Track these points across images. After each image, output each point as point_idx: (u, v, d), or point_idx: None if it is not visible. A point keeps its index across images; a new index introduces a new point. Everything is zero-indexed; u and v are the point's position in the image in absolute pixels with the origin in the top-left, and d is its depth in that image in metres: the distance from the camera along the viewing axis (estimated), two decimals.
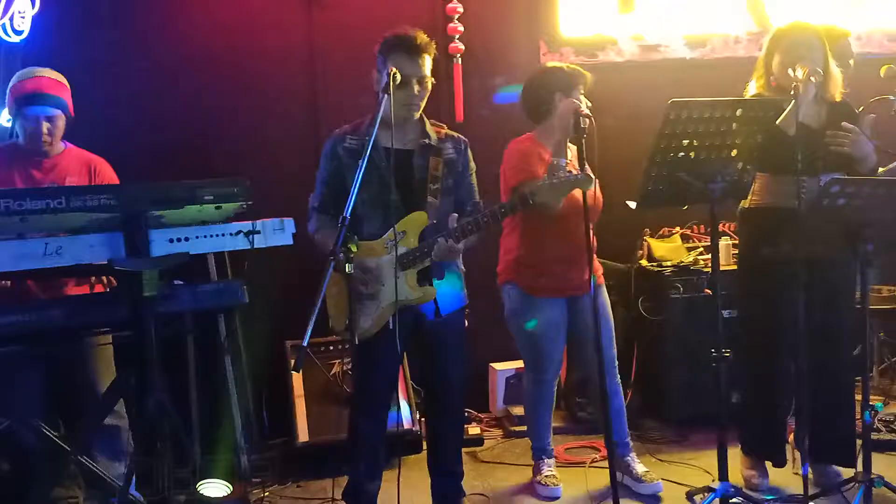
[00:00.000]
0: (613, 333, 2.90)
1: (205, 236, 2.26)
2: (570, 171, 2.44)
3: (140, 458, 2.28)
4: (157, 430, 2.19)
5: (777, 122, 2.46)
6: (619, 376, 2.93)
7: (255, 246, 2.30)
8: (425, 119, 2.55)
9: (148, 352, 2.19)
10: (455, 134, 2.60)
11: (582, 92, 2.72)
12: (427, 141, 2.50)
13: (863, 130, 2.63)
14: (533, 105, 2.81)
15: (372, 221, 2.45)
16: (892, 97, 2.96)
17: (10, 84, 2.65)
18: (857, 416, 3.04)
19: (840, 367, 2.74)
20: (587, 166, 2.46)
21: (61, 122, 2.66)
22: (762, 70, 2.73)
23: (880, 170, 3.03)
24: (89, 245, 2.13)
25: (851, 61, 3.09)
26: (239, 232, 2.28)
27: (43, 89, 2.61)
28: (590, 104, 2.71)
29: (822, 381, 2.63)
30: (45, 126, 2.61)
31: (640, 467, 2.88)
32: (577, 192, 2.43)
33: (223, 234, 2.28)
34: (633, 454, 2.92)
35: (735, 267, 3.13)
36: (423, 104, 2.48)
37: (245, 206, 2.28)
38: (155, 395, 2.17)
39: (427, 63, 2.42)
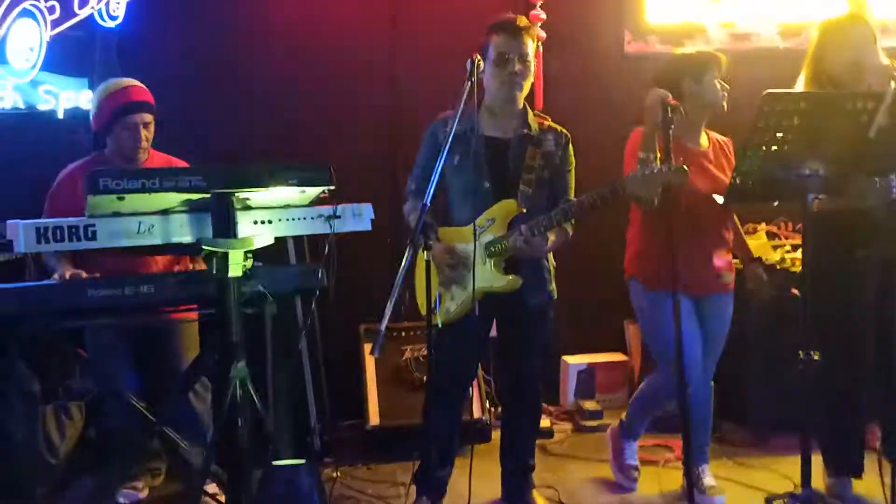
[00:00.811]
0: (723, 343, 2.75)
1: (287, 219, 2.30)
2: (660, 164, 2.35)
3: (220, 435, 2.35)
4: (237, 407, 2.25)
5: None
6: (713, 385, 2.79)
7: (335, 230, 2.33)
8: (528, 109, 2.53)
9: (231, 330, 2.25)
10: (558, 127, 2.57)
11: (717, 76, 2.58)
12: (527, 131, 2.48)
13: None
14: None
15: (463, 208, 2.46)
16: None
17: (101, 97, 2.71)
18: None
19: None
20: (653, 148, 2.38)
21: (153, 128, 2.75)
22: (812, 64, 2.58)
23: None
24: (179, 225, 2.20)
25: None
26: (320, 216, 2.32)
27: (138, 97, 2.70)
28: (728, 88, 2.60)
29: None
30: (144, 133, 2.70)
31: (708, 480, 2.76)
32: (701, 186, 2.35)
33: (305, 218, 2.32)
34: (706, 466, 2.80)
35: None
36: (526, 85, 2.44)
37: (327, 191, 2.31)
38: (236, 372, 2.24)
39: (529, 43, 2.41)
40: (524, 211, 2.42)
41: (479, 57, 2.35)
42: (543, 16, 3.64)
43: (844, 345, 2.60)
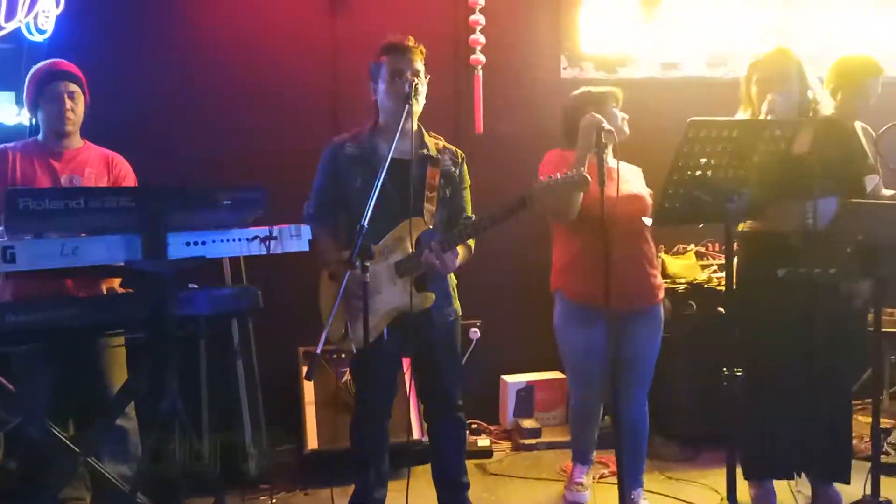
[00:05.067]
0: (654, 363, 2.83)
1: (222, 240, 2.27)
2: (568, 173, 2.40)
3: (149, 462, 2.28)
4: (169, 434, 2.19)
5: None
6: (647, 405, 2.85)
7: (272, 251, 2.30)
8: (423, 130, 2.56)
9: (163, 355, 2.19)
10: (452, 147, 2.62)
11: (615, 107, 2.74)
12: (426, 151, 2.52)
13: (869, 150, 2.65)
14: (569, 130, 2.80)
15: (370, 229, 2.41)
16: None
17: (28, 77, 2.69)
18: (865, 438, 3.05)
19: (839, 383, 2.73)
20: (584, 168, 2.46)
21: (81, 103, 2.69)
22: (744, 97, 2.74)
23: (890, 192, 3.03)
24: (106, 246, 2.14)
25: (871, 101, 3.03)
26: (256, 237, 2.29)
27: (62, 67, 2.68)
28: (626, 116, 2.74)
29: (820, 397, 2.64)
30: (68, 103, 2.64)
31: None
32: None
33: (240, 239, 2.29)
34: (640, 490, 2.84)
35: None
36: (420, 101, 2.46)
37: (262, 212, 2.29)
38: (168, 399, 2.17)
39: (418, 60, 2.46)
40: (430, 228, 2.45)
41: (416, 80, 2.39)
42: (482, 40, 3.72)
43: (769, 359, 2.71)
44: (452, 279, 2.61)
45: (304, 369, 3.28)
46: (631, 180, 2.82)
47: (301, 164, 3.75)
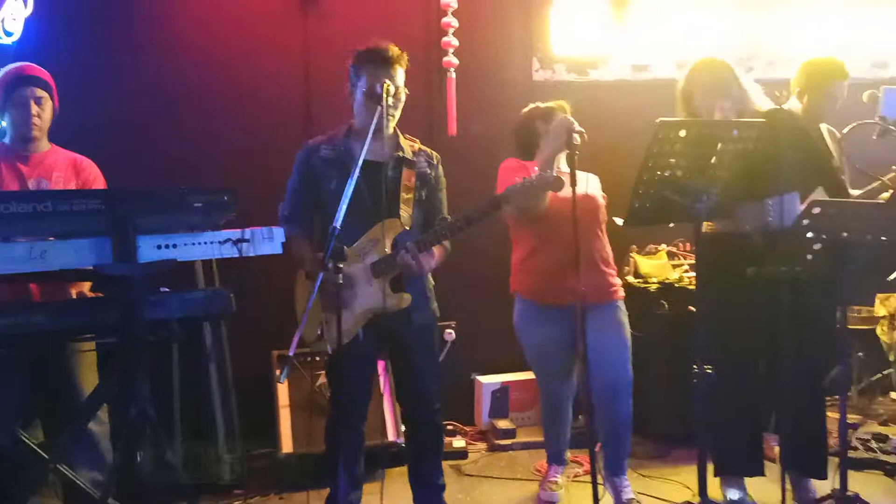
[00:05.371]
0: (628, 353, 2.86)
1: (193, 243, 2.24)
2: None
3: (120, 468, 2.25)
4: (139, 440, 2.17)
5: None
6: (631, 402, 2.88)
7: (244, 254, 2.29)
8: (399, 132, 2.57)
9: (133, 360, 2.17)
10: (427, 149, 2.64)
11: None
12: (401, 154, 2.53)
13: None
14: (524, 142, 2.89)
15: (345, 230, 2.43)
16: (872, 121, 3.01)
17: None
18: (833, 433, 3.11)
19: (811, 381, 2.78)
20: (554, 168, 2.50)
21: (48, 108, 2.67)
22: (682, 104, 2.79)
23: (856, 192, 3.09)
24: (75, 250, 2.11)
25: (838, 103, 3.08)
26: (228, 240, 2.27)
27: (30, 72, 2.65)
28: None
29: (795, 394, 2.68)
30: (35, 108, 2.62)
31: (627, 493, 2.84)
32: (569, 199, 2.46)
33: (212, 242, 2.26)
34: (624, 478, 2.88)
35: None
36: (397, 115, 2.49)
37: (233, 214, 2.27)
38: (138, 404, 2.15)
39: (399, 74, 2.45)
40: (407, 229, 2.46)
41: (388, 83, 2.39)
42: (455, 43, 3.74)
43: (738, 357, 2.75)
44: (430, 280, 2.62)
45: (278, 372, 3.29)
46: (587, 184, 2.87)
47: (274, 165, 3.75)
